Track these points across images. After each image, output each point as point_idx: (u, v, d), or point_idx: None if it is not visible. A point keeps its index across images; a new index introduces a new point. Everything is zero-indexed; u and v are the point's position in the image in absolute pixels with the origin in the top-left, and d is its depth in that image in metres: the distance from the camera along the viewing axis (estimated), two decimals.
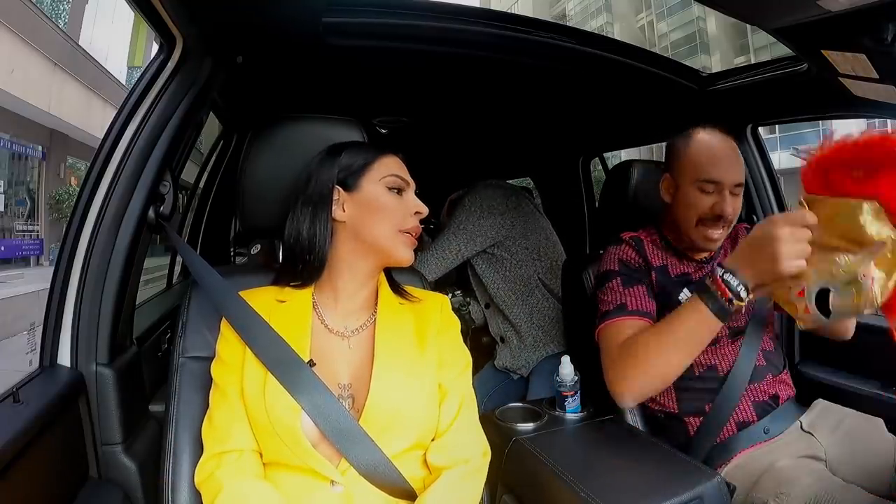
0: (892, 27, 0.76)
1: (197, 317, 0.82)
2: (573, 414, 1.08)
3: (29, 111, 8.61)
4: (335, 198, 0.76)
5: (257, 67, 1.12)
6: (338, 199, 0.76)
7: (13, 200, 9.52)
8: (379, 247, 0.75)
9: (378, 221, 0.75)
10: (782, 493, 0.87)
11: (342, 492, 0.67)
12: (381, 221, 0.75)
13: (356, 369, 0.73)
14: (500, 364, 1.63)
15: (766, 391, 1.03)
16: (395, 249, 0.75)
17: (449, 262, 1.54)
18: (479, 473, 0.75)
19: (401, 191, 0.78)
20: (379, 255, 0.76)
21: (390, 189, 0.77)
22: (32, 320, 1.32)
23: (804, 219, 0.77)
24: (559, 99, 1.58)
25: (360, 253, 0.76)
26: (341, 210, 0.76)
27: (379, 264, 0.78)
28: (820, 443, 0.99)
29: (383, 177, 0.77)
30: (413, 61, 1.26)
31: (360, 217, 0.76)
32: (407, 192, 0.79)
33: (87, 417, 0.82)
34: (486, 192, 1.59)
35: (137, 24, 10.68)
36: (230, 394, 0.71)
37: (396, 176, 0.78)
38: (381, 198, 0.76)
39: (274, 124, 0.92)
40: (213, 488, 0.67)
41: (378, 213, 0.75)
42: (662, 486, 0.79)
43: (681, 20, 23.69)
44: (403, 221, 0.76)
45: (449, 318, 0.82)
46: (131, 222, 0.86)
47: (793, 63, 1.12)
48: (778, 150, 14.81)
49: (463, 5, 1.16)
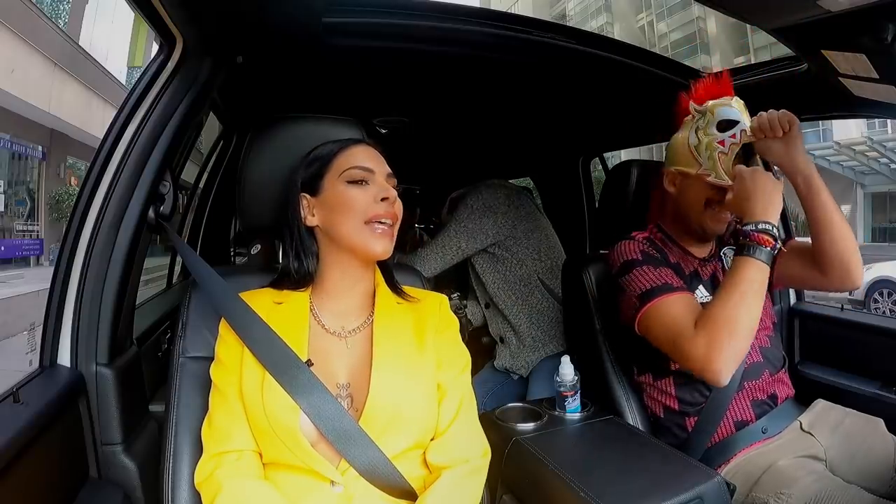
0: (892, 27, 0.76)
1: (197, 317, 0.82)
2: (573, 414, 1.07)
3: (29, 111, 8.60)
4: (303, 205, 0.77)
5: (257, 67, 1.12)
6: (306, 205, 0.77)
7: (13, 200, 9.52)
8: (350, 244, 0.75)
9: (343, 220, 0.74)
10: (782, 492, 0.88)
11: (342, 492, 0.67)
12: (346, 219, 0.74)
13: (355, 369, 0.73)
14: (499, 364, 1.63)
15: (765, 390, 1.03)
16: (365, 244, 0.74)
17: (449, 258, 1.54)
18: (479, 473, 0.75)
19: (364, 181, 0.76)
20: (354, 253, 0.76)
21: (352, 183, 0.75)
22: (32, 320, 1.32)
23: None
24: (559, 99, 1.58)
25: (340, 253, 0.76)
26: (311, 216, 0.77)
27: (361, 262, 0.77)
28: (820, 443, 0.99)
29: (342, 172, 0.76)
30: (413, 61, 1.26)
31: (328, 219, 0.75)
32: (373, 180, 0.76)
33: (87, 417, 0.82)
34: (488, 192, 1.59)
35: (137, 24, 10.69)
36: (229, 395, 0.71)
37: (356, 167, 0.76)
38: (341, 195, 0.75)
39: (274, 124, 0.92)
40: (213, 489, 0.67)
41: (341, 211, 0.74)
42: (662, 486, 0.79)
43: (681, 20, 23.69)
44: (367, 211, 0.74)
45: (447, 318, 0.82)
46: (131, 222, 0.86)
47: (793, 63, 1.12)
48: None
49: (463, 5, 1.16)
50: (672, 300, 0.98)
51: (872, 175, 15.92)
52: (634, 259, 1.06)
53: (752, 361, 1.03)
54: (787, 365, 1.11)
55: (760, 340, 1.07)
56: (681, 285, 1.01)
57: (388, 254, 0.75)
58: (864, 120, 11.57)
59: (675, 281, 1.01)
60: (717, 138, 1.04)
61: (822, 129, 15.99)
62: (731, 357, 0.89)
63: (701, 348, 0.90)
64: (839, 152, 14.59)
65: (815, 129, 16.14)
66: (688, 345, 0.92)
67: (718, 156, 1.03)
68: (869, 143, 13.96)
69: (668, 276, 1.01)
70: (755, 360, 1.04)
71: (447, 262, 1.55)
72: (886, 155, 14.35)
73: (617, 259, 1.09)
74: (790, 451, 0.97)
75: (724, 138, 1.03)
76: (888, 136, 14.06)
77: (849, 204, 16.38)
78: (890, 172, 15.38)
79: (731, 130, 1.04)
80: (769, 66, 1.20)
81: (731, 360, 0.89)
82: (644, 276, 1.03)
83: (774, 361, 1.07)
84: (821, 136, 16.05)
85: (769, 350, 1.07)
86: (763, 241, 0.92)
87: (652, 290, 1.00)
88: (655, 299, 0.99)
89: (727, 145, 1.03)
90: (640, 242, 1.09)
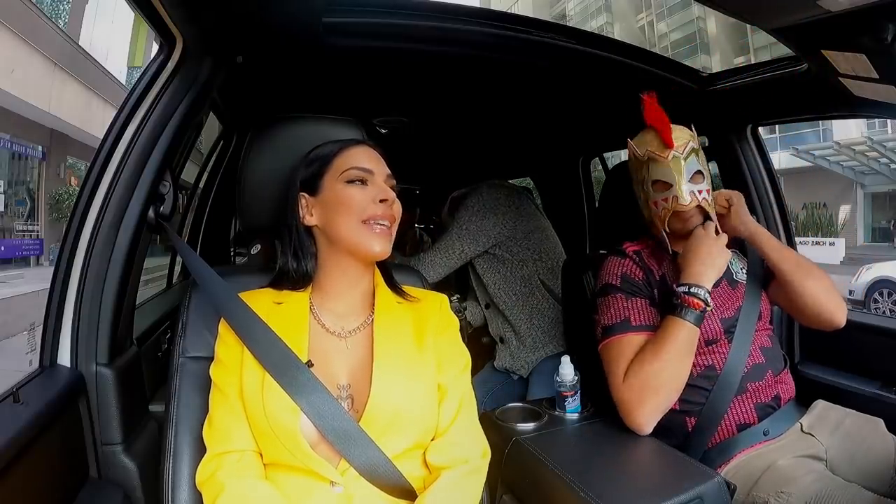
0: (892, 27, 0.76)
1: (197, 317, 0.82)
2: (573, 414, 1.07)
3: (29, 111, 8.60)
4: (302, 204, 0.77)
5: (257, 67, 1.12)
6: (305, 205, 0.77)
7: (13, 200, 9.51)
8: (348, 244, 0.75)
9: (341, 219, 0.74)
10: (783, 492, 0.88)
11: (342, 492, 0.67)
12: (344, 218, 0.74)
13: (355, 370, 0.73)
14: (499, 365, 1.62)
15: (768, 392, 1.03)
16: (363, 243, 0.74)
17: (452, 262, 1.54)
18: (479, 473, 0.75)
19: (364, 181, 0.76)
20: (353, 253, 0.76)
21: (351, 182, 0.76)
22: (32, 320, 1.32)
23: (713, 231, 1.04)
24: (559, 99, 1.58)
25: (339, 253, 0.76)
26: (309, 215, 0.77)
27: (360, 262, 0.77)
28: (820, 443, 0.99)
29: (342, 172, 0.76)
30: (413, 61, 1.26)
31: (327, 218, 0.75)
32: (372, 181, 0.77)
33: (87, 417, 0.82)
34: (489, 192, 1.59)
35: (137, 24, 10.68)
36: (230, 395, 0.70)
37: (356, 168, 0.76)
38: (340, 194, 0.75)
39: (274, 124, 0.92)
40: (215, 489, 0.66)
41: (340, 210, 0.74)
42: (662, 486, 0.79)
43: (681, 20, 23.68)
44: (365, 210, 0.74)
45: (448, 318, 0.82)
46: (131, 222, 0.86)
47: (793, 63, 1.12)
48: (778, 150, 14.84)
49: (463, 5, 1.16)
50: (624, 341, 1.02)
51: (872, 175, 15.91)
52: (612, 284, 1.09)
53: (755, 362, 1.04)
54: (788, 365, 1.11)
55: (762, 341, 1.07)
56: (640, 323, 1.03)
57: (386, 253, 0.75)
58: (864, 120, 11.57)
59: (638, 317, 1.04)
60: (651, 198, 1.07)
61: (822, 129, 15.99)
62: (651, 412, 0.96)
63: (625, 401, 0.97)
64: (839, 152, 14.57)
65: (815, 129, 16.14)
66: (617, 393, 0.99)
67: (655, 217, 1.08)
68: (869, 143, 13.94)
69: (633, 311, 1.04)
70: (758, 361, 1.04)
71: (451, 267, 1.55)
72: (886, 155, 14.32)
73: (601, 277, 1.12)
74: (790, 451, 0.97)
75: (658, 199, 1.05)
76: (888, 136, 14.04)
77: (849, 204, 16.37)
78: (890, 172, 15.37)
79: (663, 194, 1.05)
80: (769, 66, 1.20)
81: (651, 414, 0.96)
82: (612, 306, 1.06)
83: (776, 362, 1.08)
84: (821, 136, 16.05)
85: (771, 350, 1.08)
86: (693, 304, 0.97)
87: (612, 326, 1.04)
88: (612, 337, 1.03)
89: (660, 209, 1.06)
90: (627, 261, 1.11)
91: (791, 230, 1.49)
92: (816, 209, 15.47)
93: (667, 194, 1.04)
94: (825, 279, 1.06)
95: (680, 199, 1.02)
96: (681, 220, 1.06)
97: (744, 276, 1.13)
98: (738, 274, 1.13)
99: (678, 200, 1.02)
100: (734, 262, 1.15)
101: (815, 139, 15.92)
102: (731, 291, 1.10)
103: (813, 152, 14.98)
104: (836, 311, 1.05)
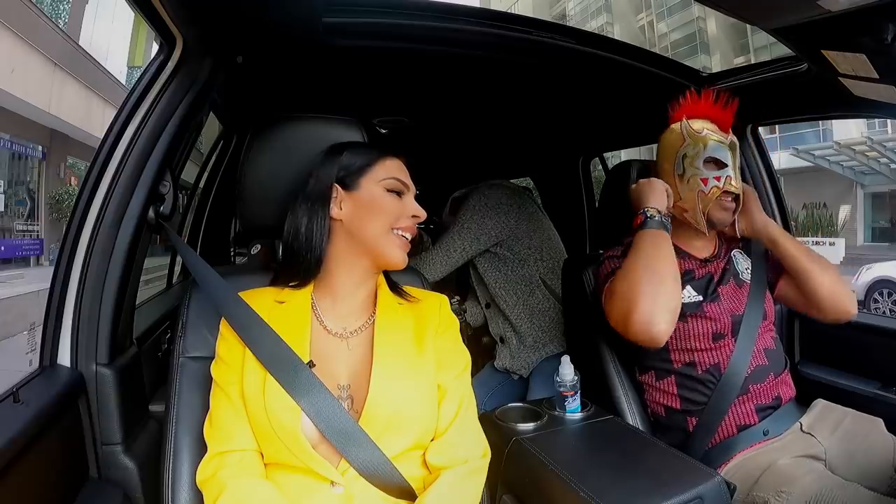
0: (892, 27, 0.76)
1: (197, 317, 0.82)
2: (573, 414, 1.07)
3: (29, 111, 8.60)
4: (334, 195, 0.77)
5: (257, 67, 1.12)
6: (336, 197, 0.77)
7: (13, 200, 9.51)
8: (371, 246, 0.75)
9: (372, 221, 0.75)
10: (783, 491, 0.88)
11: (342, 492, 0.67)
12: (375, 221, 0.75)
13: (355, 370, 0.73)
14: (499, 365, 1.62)
15: (769, 393, 1.04)
16: (386, 250, 0.75)
17: (453, 261, 1.54)
18: (479, 473, 0.75)
19: (400, 194, 0.78)
20: (371, 256, 0.76)
21: (389, 191, 0.77)
22: (32, 320, 1.32)
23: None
24: (559, 99, 1.58)
25: (354, 252, 0.76)
26: (338, 208, 0.77)
27: (373, 265, 0.78)
28: (820, 443, 0.99)
29: (383, 178, 0.77)
30: (413, 61, 1.26)
31: (356, 216, 0.76)
32: (406, 196, 0.79)
33: (86, 417, 0.82)
34: (490, 192, 1.59)
35: (137, 24, 10.66)
36: (231, 393, 0.70)
37: (396, 179, 0.78)
38: (378, 198, 0.76)
39: (274, 124, 0.92)
40: (216, 488, 0.66)
41: (373, 212, 0.76)
42: (662, 485, 0.79)
43: (681, 20, 23.66)
44: (397, 219, 0.76)
45: (448, 318, 0.82)
46: (131, 222, 0.86)
47: (793, 63, 1.12)
48: (778, 150, 14.82)
49: (463, 5, 1.16)
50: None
51: (872, 175, 15.89)
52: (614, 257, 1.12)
53: (758, 364, 1.04)
54: (788, 366, 1.11)
55: (765, 342, 1.07)
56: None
57: (403, 265, 0.77)
58: (864, 120, 11.57)
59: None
60: (702, 175, 1.05)
61: (822, 129, 15.96)
62: (651, 310, 0.95)
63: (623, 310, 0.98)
64: (839, 152, 14.55)
65: (815, 129, 16.12)
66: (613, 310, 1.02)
67: (699, 195, 1.06)
68: (869, 143, 13.92)
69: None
70: (760, 363, 1.04)
71: (452, 266, 1.55)
72: (886, 155, 14.31)
73: (604, 268, 1.13)
74: (790, 451, 0.97)
75: (709, 178, 1.04)
76: (888, 136, 14.02)
77: (849, 204, 16.35)
78: (890, 172, 15.35)
79: (716, 172, 1.04)
80: (769, 66, 1.20)
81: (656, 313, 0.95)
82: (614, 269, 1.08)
83: (778, 363, 1.08)
84: (821, 136, 16.02)
85: (773, 352, 1.08)
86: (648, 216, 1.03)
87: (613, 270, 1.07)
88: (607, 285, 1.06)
89: (709, 188, 1.04)
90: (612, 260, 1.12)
91: (791, 230, 1.49)
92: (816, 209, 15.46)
93: (719, 173, 1.04)
94: (836, 271, 1.08)
95: (733, 180, 1.03)
96: (721, 207, 1.07)
97: (748, 276, 1.13)
98: (744, 273, 1.13)
99: (731, 181, 1.03)
100: (739, 261, 1.15)
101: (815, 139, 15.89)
102: (738, 290, 1.10)
103: (813, 152, 14.96)
104: (850, 302, 1.07)
